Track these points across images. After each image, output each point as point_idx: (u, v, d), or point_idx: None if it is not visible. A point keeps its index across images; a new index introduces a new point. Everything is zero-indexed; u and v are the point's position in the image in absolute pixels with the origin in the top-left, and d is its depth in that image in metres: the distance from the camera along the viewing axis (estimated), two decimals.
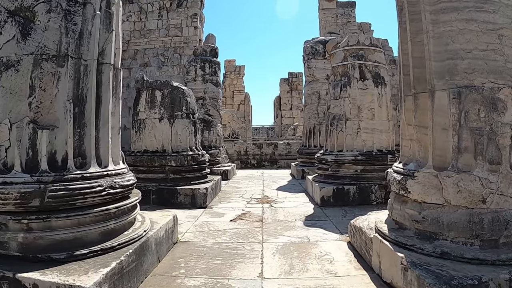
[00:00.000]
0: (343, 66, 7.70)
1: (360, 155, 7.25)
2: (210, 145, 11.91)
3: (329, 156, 7.60)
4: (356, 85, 7.47)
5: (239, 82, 31.00)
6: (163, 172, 7.38)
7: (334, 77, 7.89)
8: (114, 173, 3.45)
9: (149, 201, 7.14)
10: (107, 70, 3.56)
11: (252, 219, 5.91)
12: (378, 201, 7.06)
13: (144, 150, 7.60)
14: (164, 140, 7.50)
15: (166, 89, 7.61)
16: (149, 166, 7.43)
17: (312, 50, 12.18)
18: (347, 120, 7.46)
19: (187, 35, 18.36)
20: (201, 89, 12.16)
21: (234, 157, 16.36)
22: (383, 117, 7.55)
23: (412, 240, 3.16)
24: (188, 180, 7.44)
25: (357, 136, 7.39)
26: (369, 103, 7.44)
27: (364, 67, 7.56)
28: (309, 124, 12.17)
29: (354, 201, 6.98)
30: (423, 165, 3.32)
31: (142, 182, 7.34)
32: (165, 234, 4.14)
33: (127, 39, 18.92)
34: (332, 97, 7.78)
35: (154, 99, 7.60)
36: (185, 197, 7.02)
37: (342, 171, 7.39)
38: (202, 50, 12.87)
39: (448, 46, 3.19)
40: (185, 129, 7.62)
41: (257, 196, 8.13)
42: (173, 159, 7.36)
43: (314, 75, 12.09)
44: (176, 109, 7.57)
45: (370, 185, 7.10)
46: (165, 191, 7.14)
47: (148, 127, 7.58)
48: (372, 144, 7.40)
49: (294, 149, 16.23)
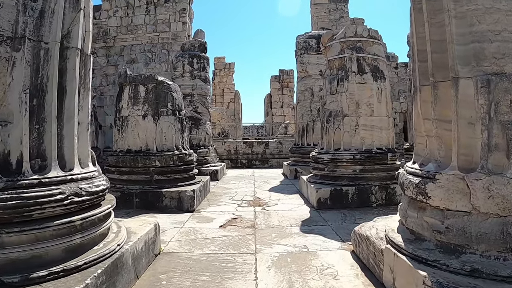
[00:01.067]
0: (339, 59, 7.21)
1: (358, 154, 6.76)
2: (198, 144, 11.39)
3: (325, 155, 7.10)
4: (354, 79, 6.99)
5: (229, 80, 30.43)
6: (147, 173, 6.84)
7: (330, 71, 7.40)
8: (80, 177, 2.91)
9: (132, 205, 6.62)
10: (73, 56, 3.03)
11: (244, 224, 5.40)
12: (378, 203, 6.61)
13: (127, 150, 7.06)
14: (148, 138, 6.96)
15: (150, 84, 7.07)
16: (132, 167, 6.89)
17: (305, 45, 11.70)
18: (345, 116, 6.97)
19: (175, 30, 17.81)
20: (189, 85, 11.63)
21: (224, 157, 15.83)
22: (382, 113, 7.08)
23: (434, 254, 2.67)
24: (174, 181, 6.90)
25: (355, 133, 6.91)
26: (367, 99, 6.97)
27: (362, 60, 7.08)
28: (302, 121, 11.68)
29: (353, 203, 6.51)
30: (444, 165, 2.83)
31: (125, 184, 6.83)
32: (144, 246, 3.62)
33: (114, 35, 18.36)
34: (328, 92, 7.29)
35: (138, 94, 7.06)
36: (170, 200, 6.49)
37: (340, 171, 6.90)
38: (190, 45, 12.33)
39: (473, 27, 2.71)
40: (170, 126, 7.08)
41: (249, 198, 7.62)
42: (157, 159, 6.82)
43: (307, 70, 11.61)
44: (161, 105, 7.03)
45: (370, 186, 6.63)
46: (150, 194, 6.60)
47: (131, 124, 7.04)
48: (372, 142, 6.92)
49: (286, 147, 15.76)
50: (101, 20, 18.70)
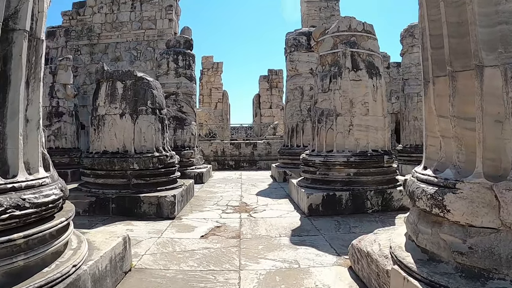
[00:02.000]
0: (332, 54, 6.74)
1: (353, 156, 6.29)
2: (183, 145, 10.85)
3: (317, 157, 6.61)
4: (347, 76, 6.52)
5: (217, 80, 29.87)
6: (124, 177, 6.30)
7: (322, 67, 6.92)
8: (25, 185, 2.39)
9: (108, 211, 6.10)
10: (20, 40, 2.50)
11: (228, 234, 4.89)
12: (374, 208, 6.15)
13: (103, 151, 6.52)
14: (125, 139, 6.42)
15: (128, 80, 6.54)
16: (108, 169, 6.35)
17: (295, 42, 11.22)
18: (338, 116, 6.50)
19: (162, 28, 17.27)
20: (174, 83, 11.10)
21: (211, 158, 15.30)
22: (378, 113, 6.62)
23: (454, 280, 2.18)
24: (153, 186, 6.37)
25: (349, 134, 6.44)
26: (362, 97, 6.50)
27: (356, 56, 6.62)
28: (291, 122, 11.19)
29: (346, 209, 6.03)
30: (466, 172, 2.35)
31: (101, 188, 6.30)
32: (110, 265, 3.09)
33: (98, 32, 17.78)
34: (320, 89, 6.81)
35: (115, 91, 6.53)
36: (149, 206, 5.96)
37: (333, 174, 6.42)
38: (175, 41, 11.80)
39: (499, 5, 2.24)
40: (150, 126, 6.55)
41: (234, 203, 7.11)
42: (136, 162, 6.29)
43: (296, 69, 11.13)
44: (140, 103, 6.50)
45: (365, 191, 6.16)
46: (127, 199, 6.07)
47: (107, 124, 6.50)
48: (367, 144, 6.46)
49: (275, 149, 15.27)
50: (85, 17, 18.12)
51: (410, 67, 12.58)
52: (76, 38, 17.91)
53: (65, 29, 18.26)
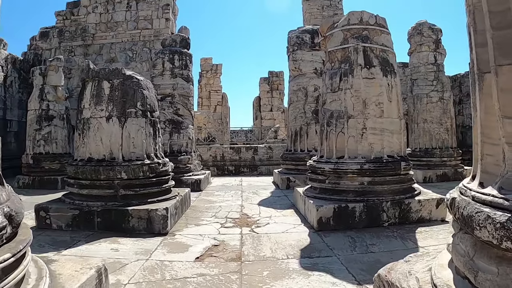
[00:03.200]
0: (342, 50, 6.09)
1: (367, 163, 5.63)
2: (179, 150, 10.19)
3: (326, 164, 5.95)
4: (360, 74, 5.88)
5: (216, 82, 29.21)
6: (111, 187, 5.64)
7: (331, 64, 6.27)
8: None
9: (93, 226, 5.44)
10: None
11: (227, 255, 4.22)
12: (391, 221, 5.49)
13: (88, 158, 5.86)
14: (112, 145, 5.77)
15: (116, 79, 5.89)
16: (93, 179, 5.68)
17: (298, 41, 10.57)
18: (349, 118, 5.84)
19: (158, 27, 16.65)
20: (170, 84, 10.44)
21: (210, 163, 14.62)
22: (393, 114, 5.98)
23: None
24: (143, 197, 5.70)
25: (362, 138, 5.78)
26: (376, 97, 5.86)
27: (369, 51, 5.98)
28: (294, 125, 10.51)
29: (360, 222, 5.38)
30: None
31: (85, 200, 5.65)
32: None
33: (93, 33, 17.16)
34: (329, 89, 6.15)
35: (101, 92, 5.88)
36: (138, 221, 5.30)
37: (344, 183, 5.76)
38: (171, 40, 11.16)
39: None
40: (140, 130, 5.89)
41: (235, 215, 6.45)
42: (123, 170, 5.62)
43: (300, 68, 10.48)
44: (128, 104, 5.85)
45: (381, 202, 5.51)
46: (113, 212, 5.40)
47: (93, 128, 5.85)
48: (382, 149, 5.81)
49: (276, 153, 14.62)
50: (80, 17, 17.52)
51: (418, 66, 11.96)
52: (70, 39, 17.29)
53: (59, 29, 17.65)
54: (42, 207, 5.64)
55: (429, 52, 11.91)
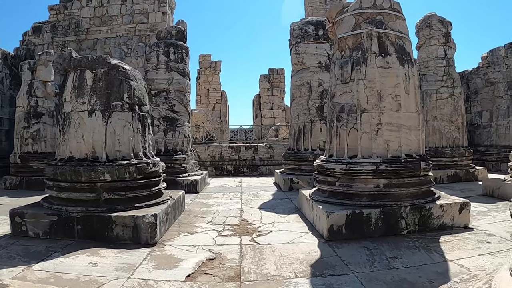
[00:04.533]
0: (354, 36, 5.43)
1: (383, 163, 4.96)
2: (175, 149, 9.52)
3: (336, 164, 5.28)
4: (374, 63, 5.22)
5: (215, 79, 28.48)
6: (93, 190, 4.97)
7: (341, 52, 5.61)
8: None
9: (73, 234, 4.80)
10: None
11: (224, 272, 3.56)
12: (410, 229, 4.86)
13: (68, 158, 5.20)
14: (95, 142, 5.10)
15: (100, 69, 5.24)
16: (73, 181, 5.02)
17: (301, 32, 9.90)
18: (363, 112, 5.18)
19: (154, 22, 15.97)
20: (164, 79, 9.77)
21: (208, 163, 13.95)
22: (411, 108, 5.34)
23: None
24: (130, 201, 5.02)
25: (377, 135, 5.12)
26: (392, 88, 5.21)
27: (384, 38, 5.33)
28: (297, 122, 9.83)
29: (376, 230, 4.73)
30: None
31: (65, 204, 5.00)
32: None
33: (86, 27, 16.50)
34: (339, 80, 5.49)
35: (83, 83, 5.22)
36: (123, 229, 4.63)
37: (357, 186, 5.09)
38: (166, 32, 10.49)
39: None
40: (127, 126, 5.22)
41: (233, 221, 5.78)
42: (107, 171, 4.94)
43: (303, 62, 9.81)
44: (113, 97, 5.18)
45: (399, 207, 4.85)
46: (95, 219, 4.74)
47: (74, 123, 5.19)
48: (398, 147, 5.15)
49: (278, 152, 13.97)
50: (73, 11, 16.85)
51: (427, 61, 11.32)
52: (63, 34, 16.62)
53: (52, 24, 17.00)
54: (17, 212, 4.98)
55: (439, 46, 11.29)
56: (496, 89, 14.62)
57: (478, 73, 15.87)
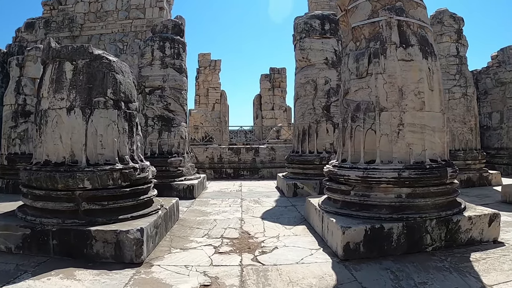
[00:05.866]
0: (371, 25, 4.78)
1: (406, 170, 4.30)
2: (170, 151, 8.85)
3: (351, 171, 4.60)
4: (394, 54, 4.57)
5: (215, 79, 27.75)
6: (71, 200, 4.30)
7: (356, 43, 4.95)
8: None
9: (48, 249, 4.15)
10: None
11: None
12: (435, 245, 4.22)
13: (44, 161, 4.55)
14: (74, 144, 4.43)
15: (80, 60, 4.58)
16: (49, 188, 4.36)
17: (306, 27, 9.25)
18: (382, 111, 4.52)
19: (151, 17, 15.34)
20: (159, 76, 9.10)
21: (206, 165, 13.28)
22: (435, 107, 4.69)
23: None
24: (113, 213, 4.34)
25: (398, 137, 4.46)
26: (415, 84, 4.56)
27: (405, 27, 4.68)
28: (302, 122, 9.16)
29: (398, 248, 4.08)
30: None
31: (39, 215, 4.36)
32: None
33: (81, 23, 15.85)
34: (354, 74, 4.83)
35: (62, 76, 4.57)
36: (104, 246, 3.97)
37: (376, 196, 4.41)
38: (162, 26, 9.83)
39: None
40: (110, 126, 4.55)
41: (233, 233, 5.11)
42: (87, 178, 4.26)
43: (308, 58, 9.15)
44: (96, 92, 4.52)
45: (424, 220, 4.21)
46: (72, 233, 4.07)
47: (51, 122, 4.54)
48: (422, 151, 4.50)
49: (279, 154, 13.31)
50: (67, 6, 16.21)
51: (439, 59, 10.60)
52: (56, 30, 15.98)
53: (45, 20, 16.37)
54: None
55: (451, 43, 10.66)
56: (507, 90, 13.99)
57: (487, 73, 15.25)
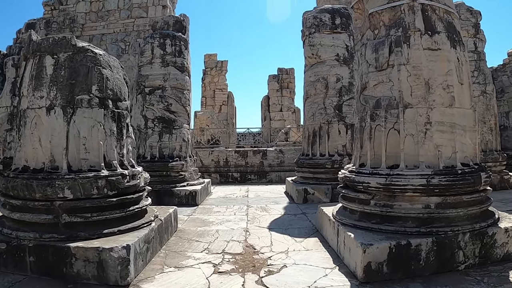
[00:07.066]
0: (391, 10, 4.20)
1: (435, 175, 3.70)
2: (171, 154, 8.29)
3: (371, 177, 4.00)
4: (419, 43, 3.99)
5: (221, 80, 27.24)
6: (50, 211, 3.75)
7: (374, 31, 4.37)
8: None
9: (25, 267, 3.62)
10: None
11: None
12: (468, 262, 3.64)
13: (23, 167, 4.02)
14: (54, 148, 3.89)
15: (62, 53, 4.04)
16: (26, 198, 3.83)
17: (316, 22, 8.68)
18: (406, 107, 3.94)
19: (154, 16, 14.85)
20: (160, 75, 8.56)
21: (211, 169, 12.72)
22: (465, 103, 4.10)
23: None
24: (98, 226, 3.77)
25: (425, 138, 3.87)
26: (443, 77, 3.98)
27: (430, 11, 4.11)
28: (312, 123, 8.58)
29: (427, 267, 3.49)
30: None
31: (16, 228, 3.85)
32: None
33: (82, 23, 15.43)
34: (373, 66, 4.24)
35: (42, 72, 4.03)
36: (85, 265, 3.42)
37: (400, 206, 3.82)
38: (163, 22, 9.30)
39: None
40: (96, 127, 4.00)
41: (236, 248, 4.53)
42: (68, 186, 3.71)
43: (318, 55, 8.58)
44: (79, 89, 3.98)
45: (456, 234, 3.62)
46: (51, 250, 3.53)
47: (30, 123, 4.01)
48: (452, 154, 3.91)
49: (288, 157, 12.73)
50: (68, 6, 15.79)
51: None
52: (57, 30, 15.57)
53: (46, 20, 15.97)
54: None
55: (468, 38, 10.02)
56: None
57: (504, 70, 14.62)
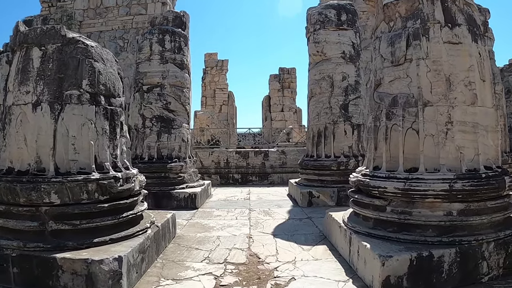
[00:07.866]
0: (408, 0, 3.88)
1: (458, 180, 3.37)
2: (170, 155, 7.95)
3: (388, 181, 3.66)
4: (439, 36, 3.67)
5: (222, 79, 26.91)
6: (35, 218, 3.41)
7: (389, 23, 4.05)
8: None
9: (8, 278, 3.31)
10: None
11: None
12: (492, 274, 3.35)
13: (7, 169, 3.69)
14: (40, 148, 3.56)
15: (50, 44, 3.72)
16: (9, 202, 3.50)
17: (321, 18, 8.34)
18: (426, 105, 3.61)
19: (153, 13, 14.47)
20: (158, 72, 8.22)
21: (212, 170, 12.37)
22: (487, 102, 3.79)
23: None
24: (87, 234, 3.44)
25: (446, 138, 3.54)
26: (465, 73, 3.66)
27: (450, 2, 3.79)
28: (317, 123, 8.24)
29: (450, 280, 3.17)
30: None
31: None
32: None
33: (80, 20, 15.11)
34: (388, 61, 3.91)
35: (28, 65, 3.71)
36: (73, 279, 3.08)
37: (419, 213, 3.48)
38: (162, 18, 8.96)
39: None
40: (86, 125, 3.67)
41: (239, 257, 4.20)
42: (54, 190, 3.37)
43: (323, 52, 8.24)
44: (68, 83, 3.65)
45: (480, 243, 3.31)
46: (35, 261, 3.20)
47: (15, 121, 3.68)
48: (475, 156, 3.59)
49: (291, 159, 12.40)
50: (66, 3, 15.47)
51: None
52: None
53: (43, 17, 15.66)
54: None
55: None
56: None
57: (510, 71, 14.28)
